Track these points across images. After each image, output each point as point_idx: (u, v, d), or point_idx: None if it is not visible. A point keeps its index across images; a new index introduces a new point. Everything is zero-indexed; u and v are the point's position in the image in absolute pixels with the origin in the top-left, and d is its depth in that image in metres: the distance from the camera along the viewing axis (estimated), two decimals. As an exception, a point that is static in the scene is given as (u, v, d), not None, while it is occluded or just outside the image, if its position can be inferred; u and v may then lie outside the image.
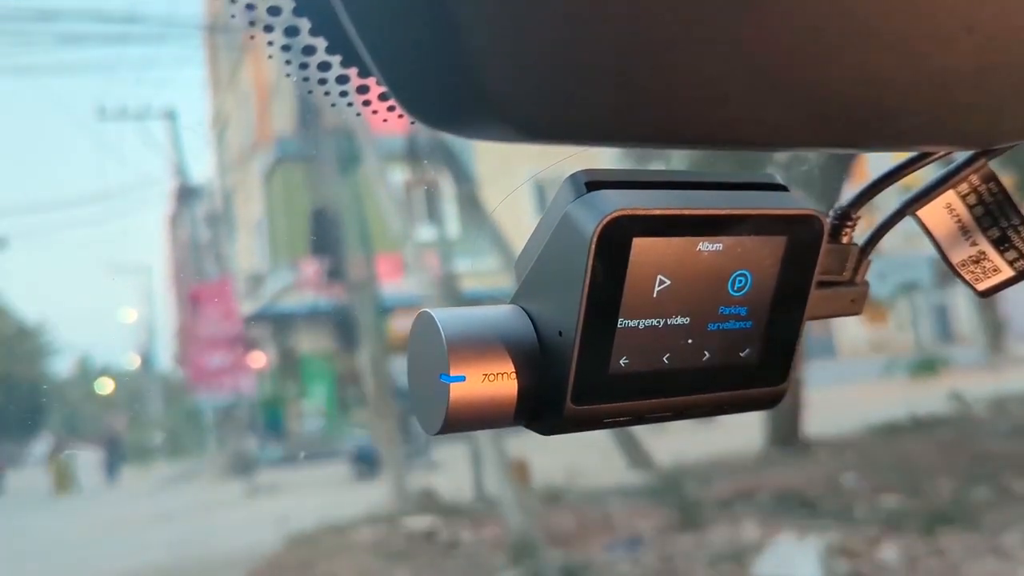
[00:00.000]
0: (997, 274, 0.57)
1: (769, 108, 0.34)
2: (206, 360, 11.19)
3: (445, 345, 0.46)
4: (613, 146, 0.36)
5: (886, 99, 0.37)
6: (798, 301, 0.49)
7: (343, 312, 9.41)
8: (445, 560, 5.50)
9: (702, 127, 0.35)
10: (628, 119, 0.33)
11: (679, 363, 0.48)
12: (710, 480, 6.57)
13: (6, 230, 16.99)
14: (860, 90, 0.35)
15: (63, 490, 11.21)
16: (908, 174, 0.56)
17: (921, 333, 17.56)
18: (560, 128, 0.33)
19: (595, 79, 0.30)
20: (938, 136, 0.43)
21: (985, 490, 5.44)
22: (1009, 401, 8.53)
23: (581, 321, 0.44)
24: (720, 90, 0.32)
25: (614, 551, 5.18)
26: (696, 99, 0.33)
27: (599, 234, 0.43)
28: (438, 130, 0.35)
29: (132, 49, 15.65)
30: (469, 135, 0.34)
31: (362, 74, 0.41)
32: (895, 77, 0.35)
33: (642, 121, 0.33)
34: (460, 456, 7.63)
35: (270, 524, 6.53)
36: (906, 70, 0.35)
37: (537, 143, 0.33)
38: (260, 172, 15.23)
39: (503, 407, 0.47)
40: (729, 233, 0.46)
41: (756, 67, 0.32)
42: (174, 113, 12.94)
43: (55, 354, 22.27)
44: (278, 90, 11.80)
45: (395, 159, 9.06)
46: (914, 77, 0.36)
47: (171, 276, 17.72)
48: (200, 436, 14.91)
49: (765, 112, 0.35)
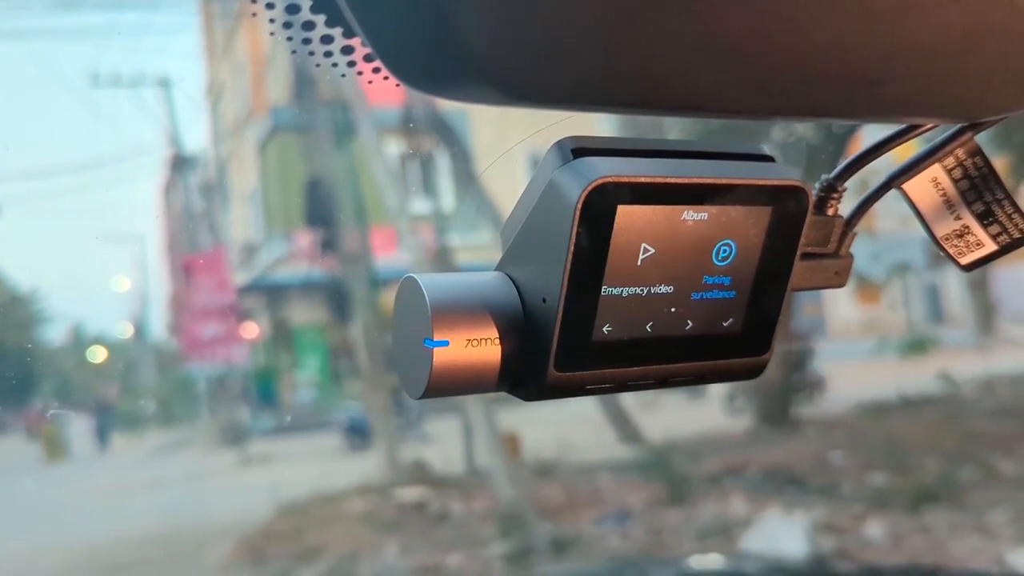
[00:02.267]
0: (980, 248, 0.58)
1: (749, 75, 0.34)
2: (199, 330, 11.16)
3: (429, 310, 0.46)
4: (595, 111, 0.36)
5: (870, 69, 0.36)
6: (782, 272, 0.49)
7: (337, 284, 9.39)
8: (435, 531, 5.53)
9: (682, 93, 0.35)
10: (609, 84, 0.33)
11: (662, 331, 0.48)
12: (699, 456, 6.61)
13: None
14: (844, 59, 0.35)
15: (54, 457, 11.23)
16: (894, 147, 0.56)
17: (913, 314, 17.62)
18: (542, 91, 0.33)
19: (576, 43, 0.30)
20: (923, 108, 0.43)
21: (971, 469, 5.49)
22: (998, 382, 8.58)
23: (565, 288, 0.44)
24: (700, 57, 0.32)
25: (603, 524, 5.22)
26: (676, 65, 0.32)
27: (584, 201, 0.43)
28: (422, 92, 0.35)
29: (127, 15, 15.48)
30: (452, 97, 0.34)
31: (347, 34, 0.40)
32: (879, 46, 0.35)
33: (623, 86, 0.33)
34: (452, 429, 7.66)
35: (261, 493, 6.56)
36: (890, 39, 0.35)
37: (519, 106, 0.33)
38: (255, 142, 15.14)
39: (486, 373, 0.48)
40: (714, 202, 0.46)
41: (736, 34, 0.32)
42: (168, 81, 12.83)
43: (48, 322, 22.21)
44: (274, 59, 11.71)
45: (391, 131, 9.01)
46: (898, 46, 0.35)
47: (165, 245, 17.66)
48: (193, 406, 14.92)
49: (745, 79, 0.34)
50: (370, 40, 0.33)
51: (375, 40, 0.33)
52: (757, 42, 0.33)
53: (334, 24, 0.40)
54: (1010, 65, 0.39)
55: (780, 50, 0.34)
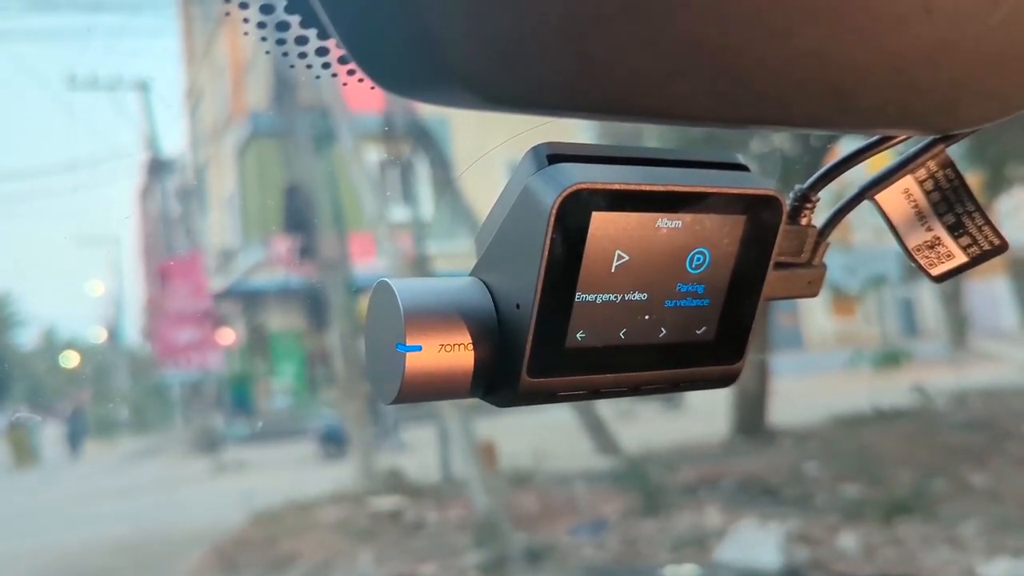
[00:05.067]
0: (951, 259, 0.58)
1: (724, 84, 0.34)
2: (174, 335, 11.07)
3: (402, 315, 0.46)
4: (570, 116, 0.36)
5: (842, 80, 0.37)
6: (755, 281, 0.50)
7: (314, 290, 9.35)
8: (410, 540, 5.50)
9: (656, 101, 0.35)
10: (583, 89, 0.33)
11: (636, 339, 0.48)
12: (675, 466, 6.62)
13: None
14: (815, 69, 0.35)
15: (23, 463, 11.07)
16: (867, 158, 0.57)
17: (887, 326, 17.78)
18: (516, 95, 0.33)
19: (550, 47, 0.30)
20: (894, 120, 0.43)
21: (943, 482, 5.53)
22: (970, 395, 8.67)
23: (539, 294, 0.44)
24: (674, 64, 0.32)
25: (578, 534, 5.22)
26: (650, 73, 0.33)
27: (558, 207, 0.43)
28: (397, 95, 0.35)
29: (105, 17, 15.36)
30: (427, 100, 0.34)
31: (322, 36, 0.40)
32: (851, 57, 0.35)
33: (598, 92, 0.33)
34: (428, 437, 7.64)
35: (235, 501, 6.50)
36: (862, 50, 0.35)
37: (493, 110, 0.33)
38: (233, 147, 15.05)
39: (459, 378, 0.47)
40: (688, 210, 0.46)
41: (711, 43, 0.32)
42: (147, 84, 12.75)
43: (20, 325, 21.95)
44: (254, 64, 11.65)
45: (370, 137, 9.00)
46: (870, 58, 0.36)
47: (140, 249, 17.50)
48: (167, 412, 14.78)
49: (720, 88, 0.35)
50: (344, 42, 0.33)
51: (349, 42, 0.33)
52: (732, 51, 0.33)
53: (309, 25, 0.40)
54: (981, 78, 0.39)
55: (755, 59, 0.34)
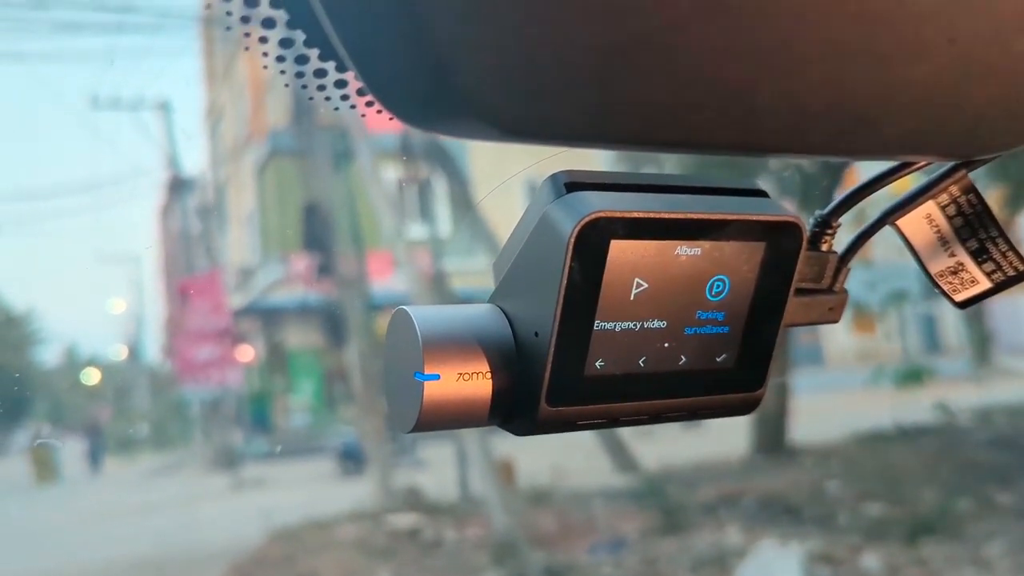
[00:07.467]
0: (975, 285, 0.57)
1: (745, 113, 0.34)
2: (194, 352, 11.13)
3: (421, 343, 0.46)
4: (588, 147, 0.35)
5: (866, 108, 0.36)
6: (776, 308, 0.49)
7: (332, 308, 9.38)
8: (428, 559, 5.49)
9: (677, 131, 0.35)
10: (603, 121, 0.33)
11: (655, 367, 0.47)
12: (695, 485, 6.57)
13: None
14: (839, 98, 0.35)
15: (45, 480, 11.14)
16: (889, 183, 0.56)
17: (908, 343, 17.62)
18: (534, 127, 0.32)
19: (568, 79, 0.30)
20: (918, 146, 0.43)
21: (968, 501, 5.46)
22: (994, 412, 8.56)
23: (557, 322, 0.44)
24: (695, 94, 0.32)
25: (597, 553, 5.18)
26: (671, 103, 0.32)
27: (577, 235, 0.42)
28: (416, 127, 0.35)
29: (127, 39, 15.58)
30: (447, 133, 0.34)
31: (340, 69, 0.40)
32: (875, 86, 0.35)
33: (618, 123, 0.33)
34: (446, 455, 7.62)
35: (254, 518, 6.51)
36: (886, 80, 0.35)
37: (511, 142, 0.33)
38: (253, 165, 15.18)
39: (477, 407, 0.47)
40: (708, 238, 0.45)
41: (730, 73, 0.32)
42: (168, 104, 12.89)
43: (42, 343, 22.16)
44: (273, 84, 11.76)
45: (388, 156, 9.05)
46: (894, 87, 0.36)
47: (161, 267, 17.65)
48: (186, 429, 14.85)
49: (741, 117, 0.34)
50: (362, 76, 0.33)
51: (367, 76, 0.33)
52: (753, 80, 0.33)
53: (327, 58, 0.40)
54: (1004, 105, 0.39)
55: (776, 88, 0.34)
